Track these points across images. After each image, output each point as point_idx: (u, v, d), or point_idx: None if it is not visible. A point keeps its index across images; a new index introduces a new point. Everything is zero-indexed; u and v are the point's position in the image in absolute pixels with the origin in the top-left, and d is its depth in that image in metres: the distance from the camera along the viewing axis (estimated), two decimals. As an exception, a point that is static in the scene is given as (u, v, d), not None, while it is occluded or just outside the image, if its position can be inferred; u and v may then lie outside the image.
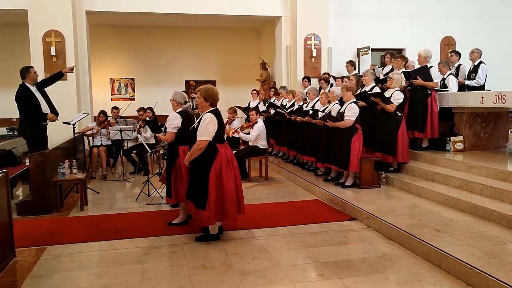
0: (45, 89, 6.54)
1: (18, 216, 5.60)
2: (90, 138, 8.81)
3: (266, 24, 12.33)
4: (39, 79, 6.56)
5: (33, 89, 6.32)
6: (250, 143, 7.93)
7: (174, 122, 4.86)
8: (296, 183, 7.50)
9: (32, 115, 6.26)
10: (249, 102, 10.20)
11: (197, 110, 5.11)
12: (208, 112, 4.40)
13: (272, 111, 8.93)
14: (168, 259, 4.15)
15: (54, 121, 6.51)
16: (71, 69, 7.09)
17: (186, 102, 5.08)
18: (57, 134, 7.07)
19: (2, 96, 12.23)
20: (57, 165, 6.00)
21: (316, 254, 4.21)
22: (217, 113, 4.43)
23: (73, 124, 6.90)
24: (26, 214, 5.72)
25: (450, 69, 7.48)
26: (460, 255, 3.70)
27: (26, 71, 6.28)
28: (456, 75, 7.62)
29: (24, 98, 6.21)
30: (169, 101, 5.05)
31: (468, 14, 11.24)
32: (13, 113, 11.22)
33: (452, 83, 7.18)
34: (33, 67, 6.56)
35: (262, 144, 7.81)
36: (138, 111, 9.11)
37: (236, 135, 7.91)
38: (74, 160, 6.28)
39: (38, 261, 4.13)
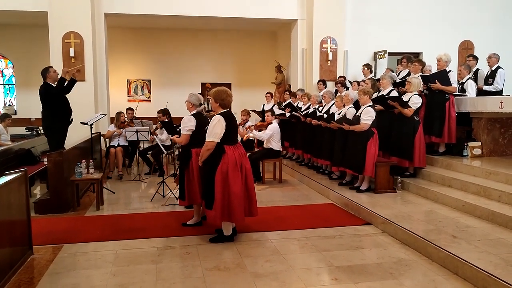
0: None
1: (35, 214, 5.70)
2: (107, 138, 8.90)
3: (282, 27, 12.33)
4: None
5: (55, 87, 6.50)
6: (264, 144, 7.94)
7: (188, 125, 4.88)
8: (310, 186, 7.47)
9: (57, 110, 6.48)
10: (264, 105, 10.22)
11: (211, 112, 5.13)
12: (219, 114, 4.44)
13: (287, 113, 8.92)
14: (182, 259, 4.18)
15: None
16: (78, 70, 7.09)
17: (201, 104, 5.10)
18: (74, 134, 7.17)
19: (22, 97, 12.47)
20: (74, 164, 6.10)
21: (330, 258, 4.18)
22: (227, 115, 4.45)
23: (91, 125, 7.01)
24: (43, 212, 5.82)
25: (469, 73, 7.38)
26: (477, 262, 3.64)
27: (46, 72, 6.51)
28: (475, 80, 7.51)
29: (48, 95, 6.44)
30: (184, 102, 5.10)
31: (487, 18, 11.07)
32: (32, 113, 11.54)
33: (471, 88, 7.07)
34: (51, 66, 6.72)
35: (276, 146, 7.81)
36: (158, 112, 9.15)
37: (250, 132, 7.94)
38: (91, 160, 6.37)
39: (55, 259, 4.19)
